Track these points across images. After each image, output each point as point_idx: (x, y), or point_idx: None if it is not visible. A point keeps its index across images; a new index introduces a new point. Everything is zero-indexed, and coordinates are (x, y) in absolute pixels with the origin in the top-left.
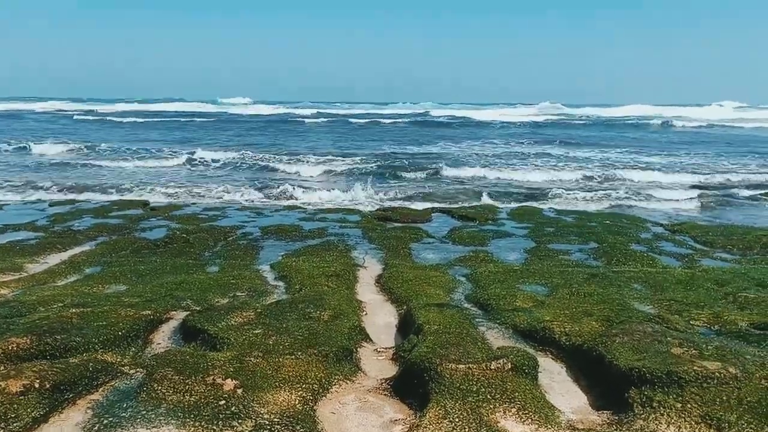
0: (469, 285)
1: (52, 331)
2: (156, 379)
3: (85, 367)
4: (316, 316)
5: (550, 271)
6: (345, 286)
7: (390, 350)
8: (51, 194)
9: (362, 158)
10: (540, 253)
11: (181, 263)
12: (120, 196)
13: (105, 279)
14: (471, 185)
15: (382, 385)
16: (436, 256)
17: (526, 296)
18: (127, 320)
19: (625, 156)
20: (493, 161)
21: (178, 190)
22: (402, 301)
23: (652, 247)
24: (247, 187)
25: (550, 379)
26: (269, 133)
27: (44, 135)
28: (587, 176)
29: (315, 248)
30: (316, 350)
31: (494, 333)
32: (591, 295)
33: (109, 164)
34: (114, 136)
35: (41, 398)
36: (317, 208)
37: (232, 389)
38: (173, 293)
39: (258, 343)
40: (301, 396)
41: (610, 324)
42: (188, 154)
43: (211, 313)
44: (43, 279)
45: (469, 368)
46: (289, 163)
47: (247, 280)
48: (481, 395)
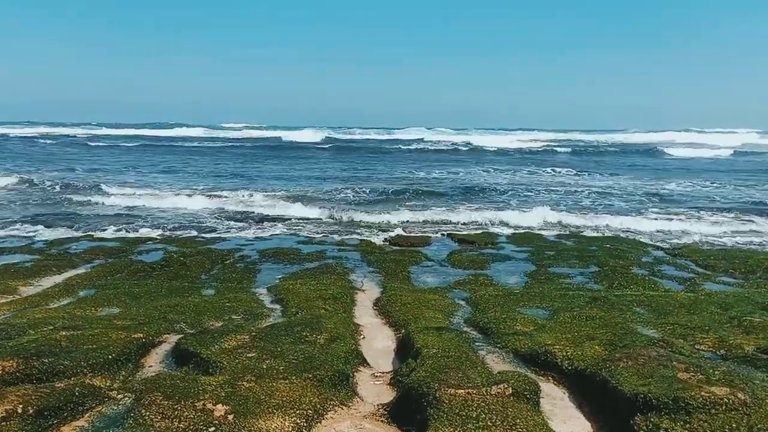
0: (468, 308)
1: (39, 354)
2: (144, 404)
3: (71, 392)
4: (312, 340)
5: (550, 294)
6: (342, 309)
7: (388, 375)
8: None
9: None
10: (540, 277)
11: (176, 286)
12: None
13: (98, 302)
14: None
15: (379, 411)
16: (435, 280)
17: (527, 320)
18: (118, 343)
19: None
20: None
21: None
22: (400, 324)
23: (654, 271)
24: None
25: (552, 405)
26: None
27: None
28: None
29: (313, 271)
30: (312, 374)
31: (494, 357)
32: (593, 318)
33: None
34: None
35: (24, 424)
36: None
37: (222, 415)
38: (167, 316)
39: (251, 367)
40: (295, 422)
41: (614, 348)
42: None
43: (204, 336)
44: (36, 302)
45: (469, 393)
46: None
47: (242, 303)
48: (481, 422)
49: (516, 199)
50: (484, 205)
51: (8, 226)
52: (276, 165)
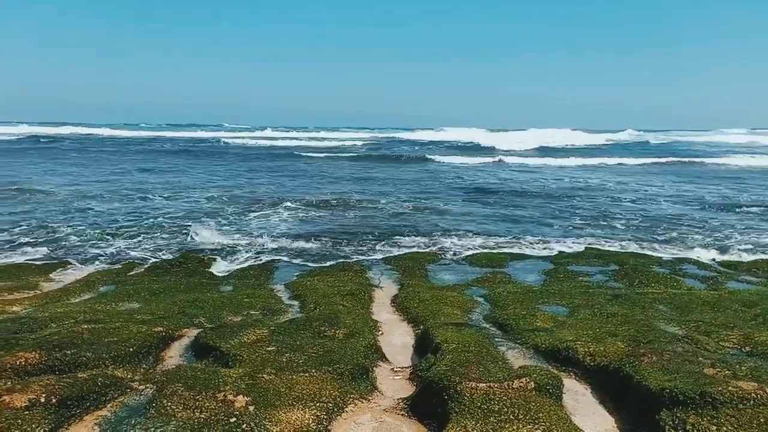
0: (487, 305)
1: (62, 346)
2: (166, 395)
3: (93, 382)
4: (330, 335)
5: (570, 291)
6: (360, 305)
7: (407, 370)
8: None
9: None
10: (559, 275)
11: (194, 282)
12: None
13: (119, 297)
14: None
15: (399, 405)
16: (453, 277)
17: (547, 316)
18: (139, 336)
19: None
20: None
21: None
22: (419, 320)
23: (675, 269)
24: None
25: (574, 401)
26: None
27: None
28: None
29: (330, 268)
30: (331, 368)
31: (515, 353)
32: (614, 315)
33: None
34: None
35: (47, 413)
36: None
37: (243, 406)
38: (186, 311)
39: (271, 360)
40: (315, 415)
41: (637, 344)
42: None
43: (223, 330)
44: (57, 297)
45: (491, 387)
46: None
47: (260, 299)
48: (503, 415)
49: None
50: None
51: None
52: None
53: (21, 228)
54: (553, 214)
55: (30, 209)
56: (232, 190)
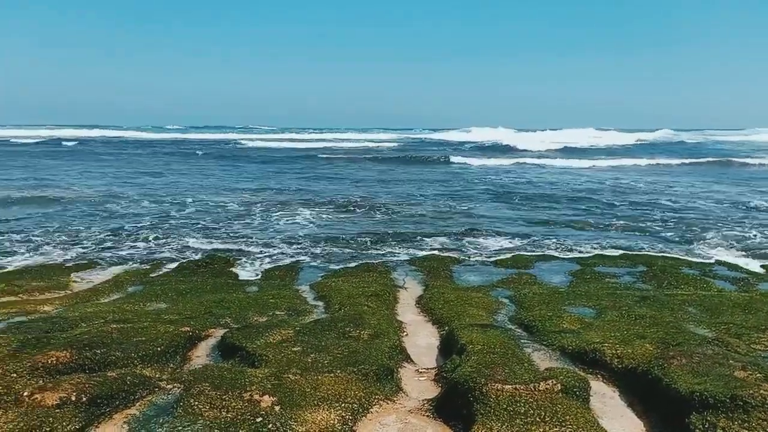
0: (512, 306)
1: (91, 345)
2: (193, 394)
3: (122, 381)
4: (355, 335)
5: (597, 293)
6: (385, 306)
7: (432, 371)
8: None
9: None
10: (586, 276)
11: (220, 282)
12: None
13: (147, 297)
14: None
15: (424, 406)
16: (478, 278)
17: (573, 318)
18: (167, 336)
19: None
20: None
21: None
22: (444, 322)
23: (705, 271)
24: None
25: (602, 403)
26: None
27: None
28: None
29: (354, 269)
30: (356, 369)
31: (541, 354)
32: (643, 317)
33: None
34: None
35: (77, 411)
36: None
37: (269, 406)
38: (212, 311)
39: (296, 361)
40: (341, 415)
41: (666, 347)
42: None
43: (249, 330)
44: (86, 296)
45: (516, 389)
46: None
47: (285, 300)
48: (529, 417)
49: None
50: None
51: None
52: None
53: (53, 228)
54: (580, 216)
55: (62, 210)
56: (258, 191)
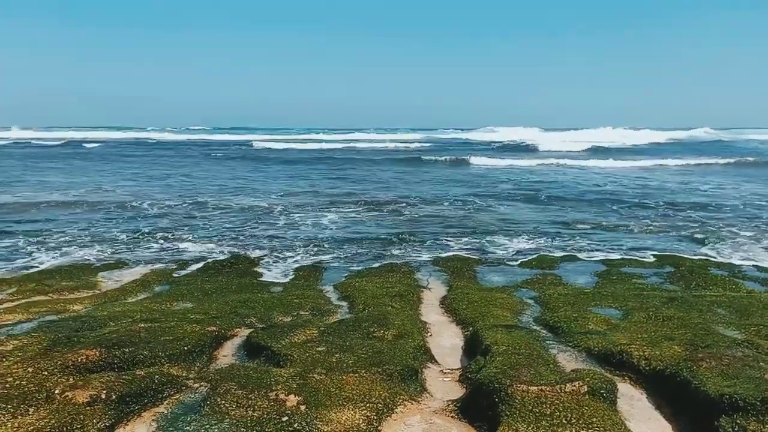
0: (537, 307)
1: (120, 344)
2: (219, 393)
3: (151, 380)
4: (379, 336)
5: (624, 294)
6: (409, 306)
7: (456, 372)
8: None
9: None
10: (612, 277)
11: (245, 282)
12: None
13: (173, 296)
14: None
15: (448, 407)
16: (502, 279)
17: (600, 319)
18: (193, 336)
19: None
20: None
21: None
22: (468, 322)
23: (734, 272)
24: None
25: (629, 406)
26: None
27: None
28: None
29: (378, 270)
30: (381, 369)
31: (566, 356)
32: (670, 319)
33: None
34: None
35: (107, 409)
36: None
37: (295, 405)
38: (238, 311)
39: (321, 361)
40: (366, 415)
41: (694, 348)
42: None
43: (274, 330)
44: (114, 296)
45: (542, 390)
46: None
47: (310, 300)
48: (555, 419)
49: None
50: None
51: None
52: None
53: (81, 228)
54: (606, 216)
55: (90, 211)
56: (283, 192)
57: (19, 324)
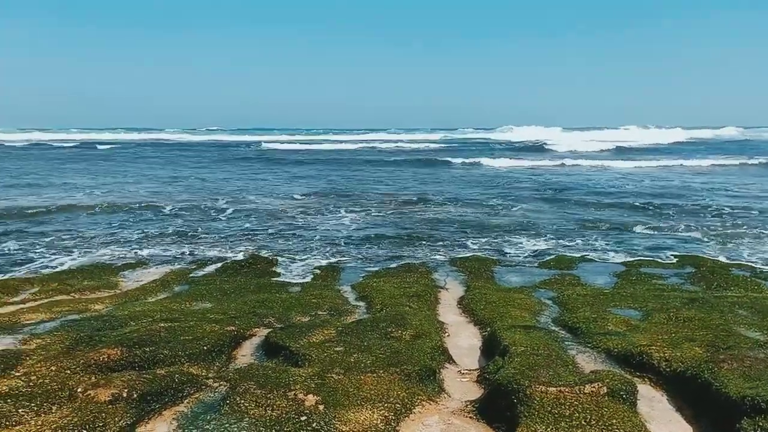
0: (555, 308)
1: (141, 343)
2: (239, 392)
3: (171, 379)
4: (397, 336)
5: (643, 295)
6: (426, 307)
7: (474, 372)
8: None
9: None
10: (631, 277)
11: (263, 282)
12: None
13: (192, 296)
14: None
15: (466, 407)
16: (520, 279)
17: (619, 320)
18: (212, 335)
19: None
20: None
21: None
22: (485, 323)
23: (756, 272)
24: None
25: (650, 407)
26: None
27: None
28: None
29: (395, 270)
30: (399, 369)
31: (585, 357)
32: (691, 320)
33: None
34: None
35: (129, 408)
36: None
37: (313, 405)
38: (256, 311)
39: (339, 361)
40: (384, 415)
41: (716, 350)
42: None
43: (292, 330)
44: (135, 296)
45: (561, 391)
46: None
47: (327, 300)
48: (574, 421)
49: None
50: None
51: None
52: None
53: (100, 229)
54: (626, 216)
55: (110, 212)
56: (300, 192)
57: (42, 323)
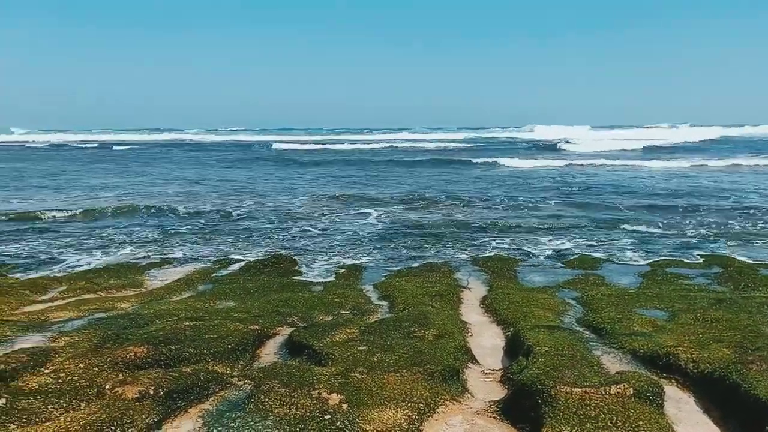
0: (580, 308)
1: (167, 341)
2: (263, 391)
3: (197, 377)
4: (420, 335)
5: (669, 295)
6: (449, 306)
7: (497, 372)
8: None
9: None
10: (656, 277)
11: (286, 281)
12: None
13: (216, 295)
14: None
15: (490, 408)
16: (543, 279)
17: (645, 320)
18: (236, 334)
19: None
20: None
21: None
22: (508, 322)
23: None
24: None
25: (677, 409)
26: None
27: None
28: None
29: (418, 269)
30: (422, 369)
31: (610, 357)
32: (718, 320)
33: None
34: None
35: (155, 405)
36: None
37: (337, 404)
38: (279, 310)
39: (362, 360)
40: (407, 415)
41: (744, 351)
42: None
43: (315, 329)
44: (160, 294)
45: (586, 392)
46: None
47: (350, 299)
48: (600, 422)
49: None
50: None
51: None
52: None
53: (126, 229)
54: (653, 217)
55: (133, 211)
56: (323, 192)
57: (70, 321)
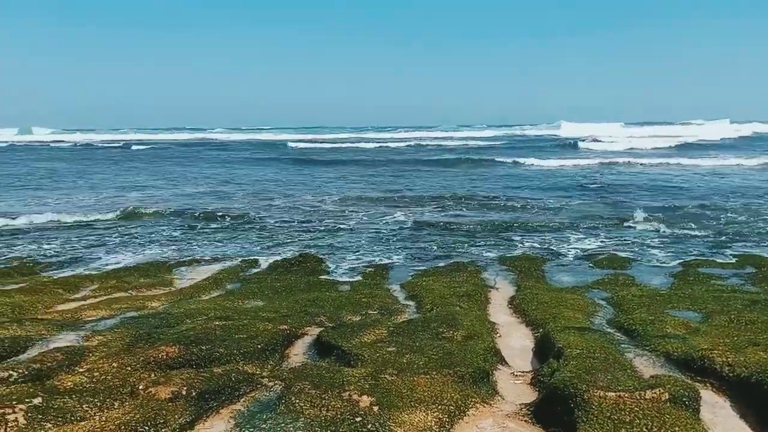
0: (610, 309)
1: (198, 341)
2: (294, 392)
3: (228, 377)
4: (449, 336)
5: (702, 296)
6: (477, 306)
7: (528, 374)
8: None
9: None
10: (688, 278)
11: (314, 281)
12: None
13: (244, 294)
14: None
15: (521, 411)
16: (572, 279)
17: (678, 322)
18: (266, 334)
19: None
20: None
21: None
22: (537, 323)
23: None
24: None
25: (712, 414)
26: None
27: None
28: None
29: (444, 269)
30: (452, 371)
31: (643, 360)
32: (754, 322)
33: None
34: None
35: (188, 406)
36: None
37: (368, 406)
38: (307, 309)
39: (392, 361)
40: (438, 417)
41: None
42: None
43: (344, 329)
44: (189, 293)
45: (620, 397)
46: None
47: (378, 299)
48: (635, 427)
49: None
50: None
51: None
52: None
53: (157, 228)
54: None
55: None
56: (348, 192)
57: (103, 320)
